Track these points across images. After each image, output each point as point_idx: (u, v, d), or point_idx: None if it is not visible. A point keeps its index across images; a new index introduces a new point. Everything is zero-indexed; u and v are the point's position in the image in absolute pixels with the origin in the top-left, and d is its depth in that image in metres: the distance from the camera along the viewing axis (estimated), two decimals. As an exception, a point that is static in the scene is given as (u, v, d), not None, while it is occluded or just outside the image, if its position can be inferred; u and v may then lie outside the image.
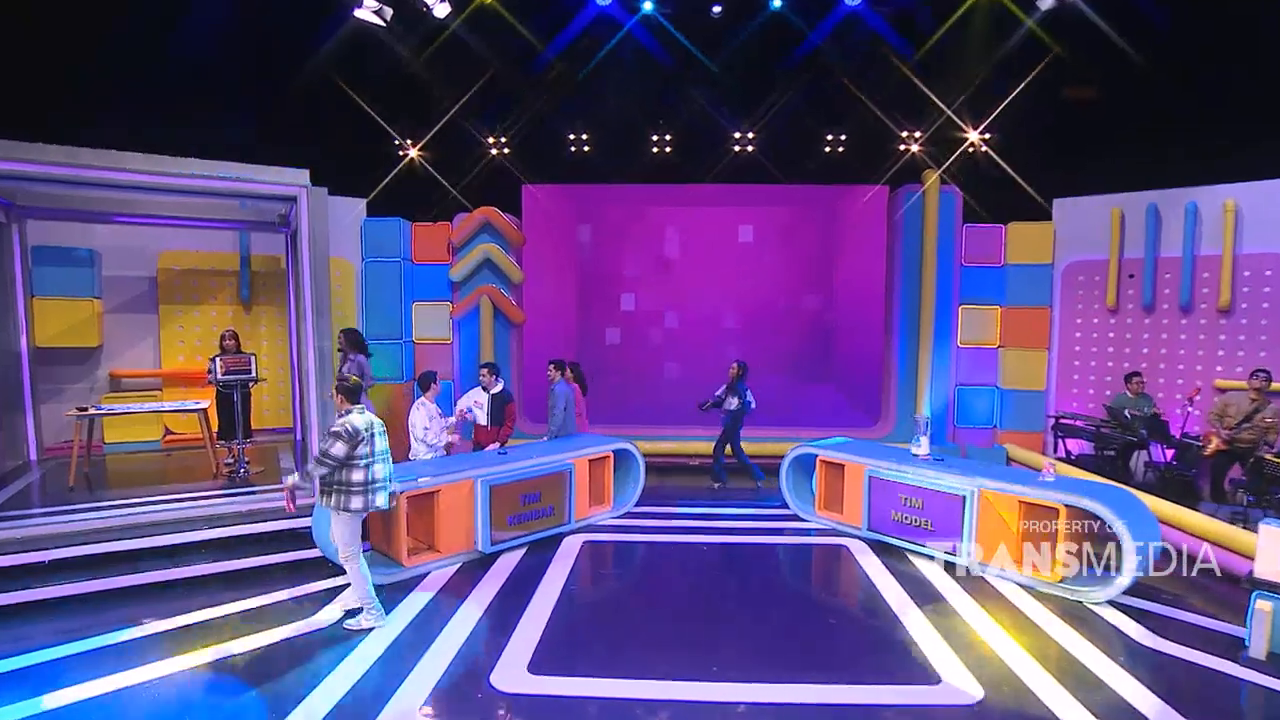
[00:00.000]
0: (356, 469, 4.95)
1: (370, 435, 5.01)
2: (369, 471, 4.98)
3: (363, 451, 4.95)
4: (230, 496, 6.66)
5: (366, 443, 4.97)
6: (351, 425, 4.92)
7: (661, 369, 11.05)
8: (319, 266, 6.72)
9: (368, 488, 4.98)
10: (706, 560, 6.53)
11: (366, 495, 4.99)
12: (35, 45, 8.31)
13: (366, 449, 4.98)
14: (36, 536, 5.65)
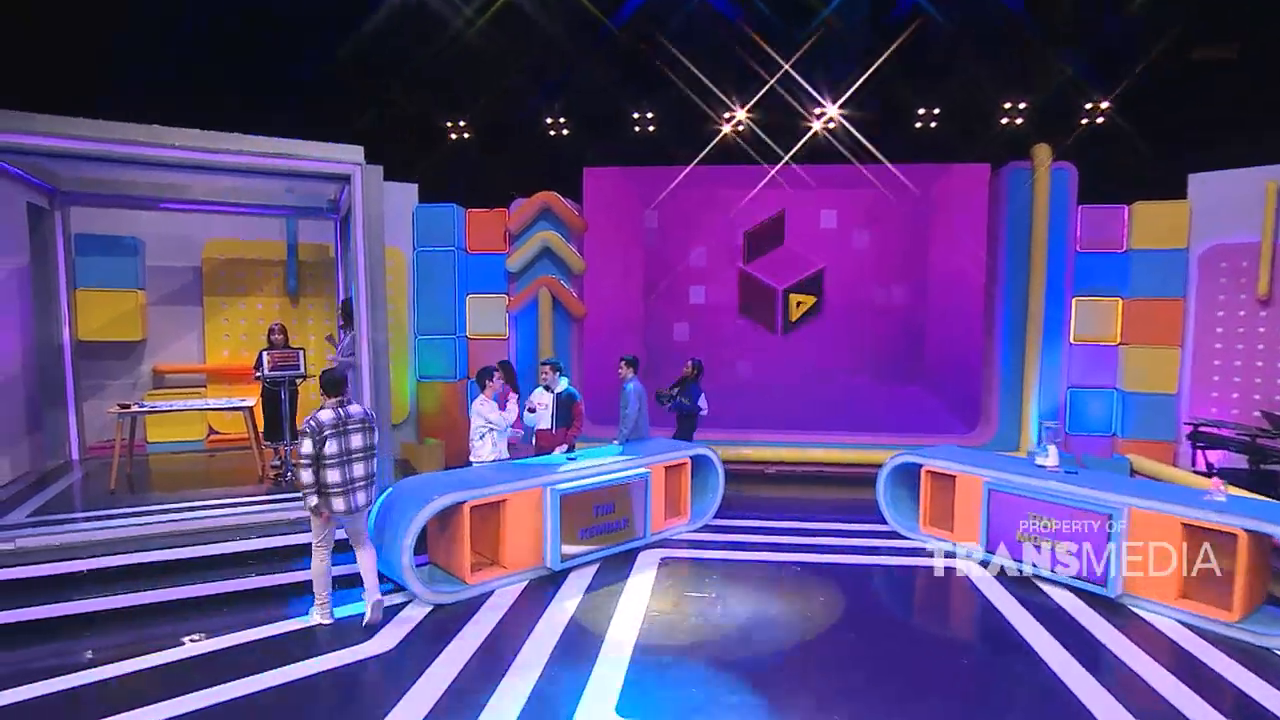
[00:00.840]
0: (331, 469, 4.81)
1: (341, 431, 4.84)
2: (344, 470, 4.83)
3: (333, 449, 4.79)
4: (277, 503, 6.37)
5: (336, 439, 4.81)
6: (316, 420, 4.80)
7: (734, 368, 10.51)
8: (374, 252, 6.40)
9: (347, 487, 4.85)
10: (802, 583, 5.98)
11: (347, 496, 4.86)
12: (74, 26, 8.21)
13: (337, 446, 4.81)
14: (75, 544, 5.42)
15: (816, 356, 10.34)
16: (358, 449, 4.93)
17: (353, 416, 4.93)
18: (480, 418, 6.39)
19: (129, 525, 5.67)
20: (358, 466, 4.92)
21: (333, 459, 4.81)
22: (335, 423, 4.84)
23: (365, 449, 4.98)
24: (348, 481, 4.87)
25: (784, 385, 10.32)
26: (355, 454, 4.91)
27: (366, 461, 4.98)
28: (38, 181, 7.13)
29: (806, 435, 9.76)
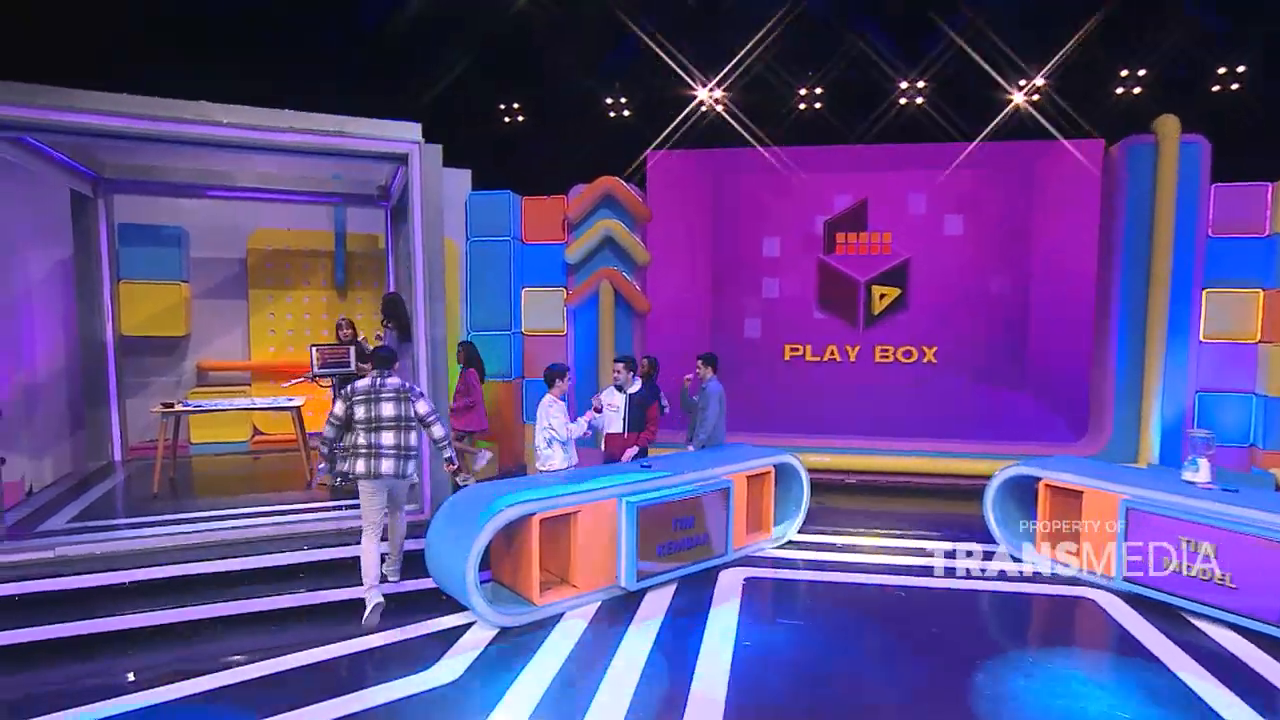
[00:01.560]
0: (360, 432, 5.10)
1: (373, 399, 5.10)
2: (372, 436, 5.07)
3: (361, 414, 5.07)
4: (328, 511, 6.11)
5: (366, 405, 5.08)
6: (352, 385, 5.18)
7: (810, 366, 9.97)
8: (433, 240, 6.09)
9: (371, 451, 5.07)
10: (906, 610, 5.46)
11: (369, 460, 5.08)
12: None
13: (365, 411, 5.07)
14: (118, 553, 5.22)
15: (901, 354, 9.74)
16: (388, 417, 5.12)
17: (387, 386, 5.17)
18: (545, 421, 6.00)
19: (173, 534, 5.45)
20: (386, 435, 5.11)
21: (361, 423, 5.09)
22: (369, 390, 5.13)
23: (397, 419, 5.15)
24: (372, 446, 5.08)
25: (865, 385, 9.75)
26: (385, 422, 5.11)
27: (398, 432, 5.15)
28: (81, 167, 7.01)
29: (890, 442, 9.19)
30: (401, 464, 5.16)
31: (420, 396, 5.27)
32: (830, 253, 9.86)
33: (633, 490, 5.60)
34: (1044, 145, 8.98)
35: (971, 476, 8.82)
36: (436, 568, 5.24)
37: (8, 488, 5.95)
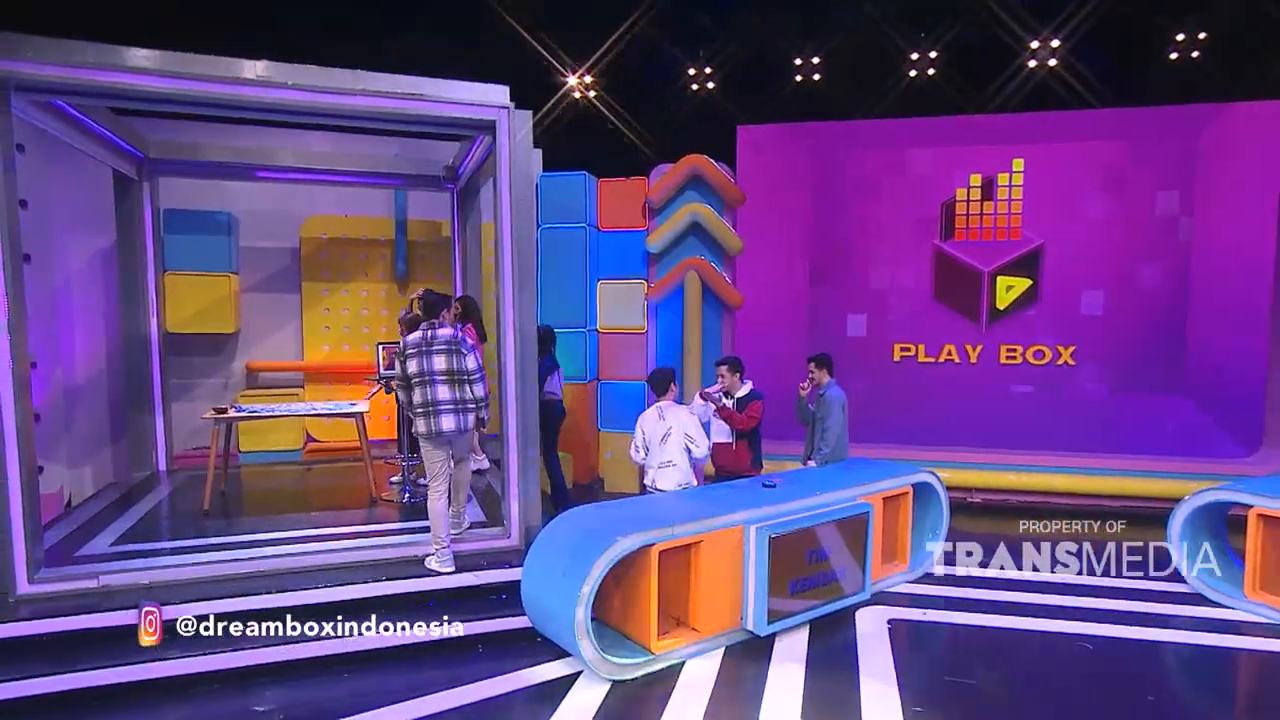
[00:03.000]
0: (415, 388, 5.08)
1: (425, 351, 5.08)
2: (427, 391, 5.04)
3: (414, 368, 5.06)
4: (401, 535, 5.55)
5: (418, 359, 5.06)
6: (404, 340, 5.19)
7: (925, 367, 9.18)
8: (523, 221, 5.51)
9: (428, 409, 5.04)
10: (1104, 667, 4.67)
11: (429, 418, 5.04)
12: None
13: (418, 365, 5.06)
14: (168, 583, 4.70)
15: (1031, 354, 8.88)
16: (440, 371, 5.08)
17: (439, 338, 5.13)
18: (682, 431, 5.36)
19: (228, 560, 4.92)
20: (441, 389, 5.07)
21: (415, 378, 5.07)
22: (420, 343, 5.10)
23: (449, 371, 5.10)
24: (429, 403, 5.05)
25: (987, 390, 8.92)
26: (439, 375, 5.07)
27: (452, 385, 5.10)
28: (126, 144, 6.59)
29: (1020, 455, 8.39)
30: (462, 418, 5.13)
31: (471, 350, 5.24)
32: (948, 239, 9.05)
33: (763, 516, 4.91)
34: (1210, 110, 8.06)
35: (1121, 497, 7.97)
36: (536, 607, 4.63)
37: (45, 500, 5.52)
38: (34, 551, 4.57)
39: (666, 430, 5.48)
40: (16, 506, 4.48)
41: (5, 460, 4.44)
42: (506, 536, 5.53)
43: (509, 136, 5.34)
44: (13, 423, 4.43)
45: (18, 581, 4.49)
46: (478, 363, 5.24)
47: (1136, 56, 8.32)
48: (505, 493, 5.56)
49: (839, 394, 6.26)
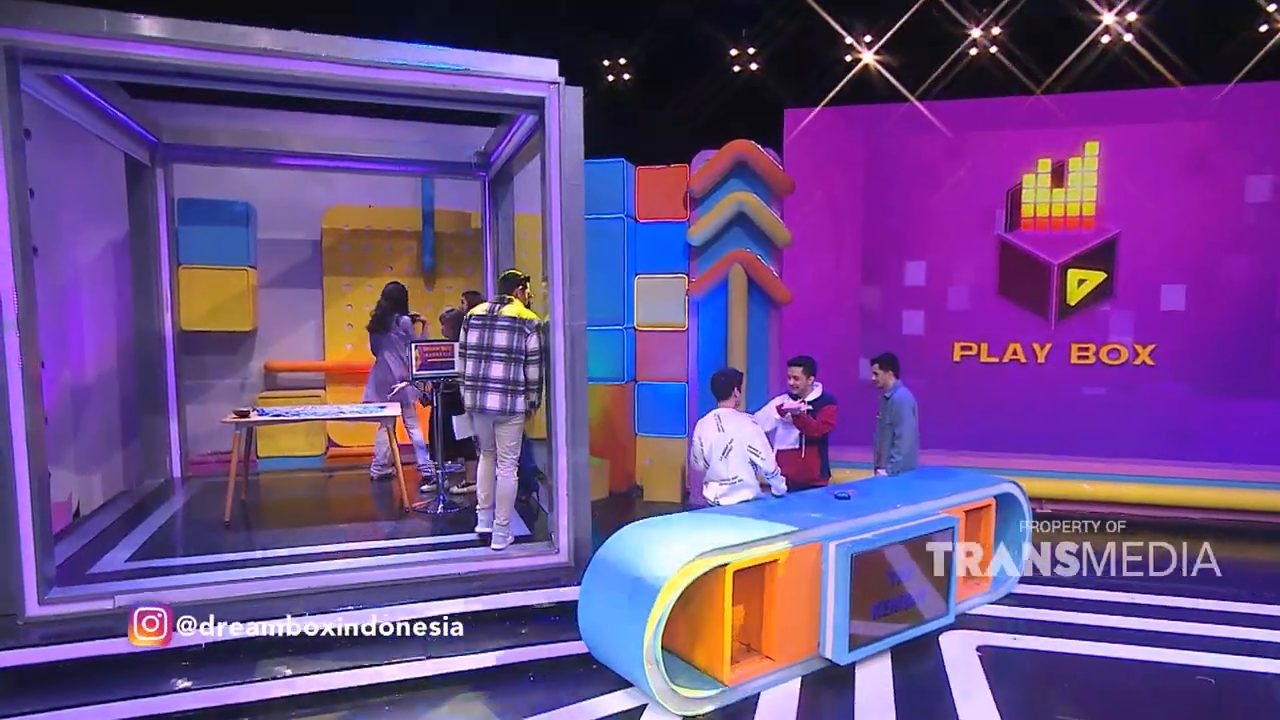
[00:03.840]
0: (469, 359, 5.17)
1: (487, 325, 5.14)
2: (480, 365, 5.11)
3: (473, 339, 5.15)
4: (442, 549, 5.25)
5: (479, 330, 5.14)
6: (466, 313, 5.29)
7: (988, 368, 8.81)
8: (573, 208, 5.17)
9: (476, 383, 5.12)
10: (1237, 707, 4.29)
11: (475, 393, 5.13)
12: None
13: (478, 337, 5.14)
14: (191, 603, 4.38)
15: (1105, 353, 8.48)
16: (500, 347, 5.11)
17: (504, 316, 5.16)
18: (745, 444, 4.99)
19: (254, 578, 4.63)
20: (496, 366, 5.10)
21: (471, 350, 5.15)
22: (485, 316, 5.17)
23: (508, 350, 5.11)
24: (479, 377, 5.10)
25: (1057, 393, 8.54)
26: (496, 352, 5.10)
27: (509, 364, 5.10)
28: (139, 127, 6.32)
29: (1093, 462, 8.01)
30: (510, 399, 5.10)
31: (535, 331, 5.17)
32: (1014, 229, 8.67)
33: (843, 531, 4.57)
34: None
35: (1205, 509, 7.60)
36: (596, 632, 4.30)
37: (53, 510, 5.24)
38: (45, 569, 4.30)
39: (727, 443, 5.09)
40: (26, 519, 4.20)
41: (14, 468, 4.16)
42: (555, 552, 5.21)
43: (559, 116, 5.01)
44: (22, 427, 4.15)
45: (27, 602, 4.21)
46: (539, 343, 5.21)
47: (1221, 28, 7.89)
48: (553, 505, 5.25)
49: (908, 396, 5.92)
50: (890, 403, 5.93)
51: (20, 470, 4.16)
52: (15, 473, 4.15)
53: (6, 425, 4.10)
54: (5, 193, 4.06)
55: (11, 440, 4.12)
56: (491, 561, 5.09)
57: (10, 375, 4.08)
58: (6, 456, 4.13)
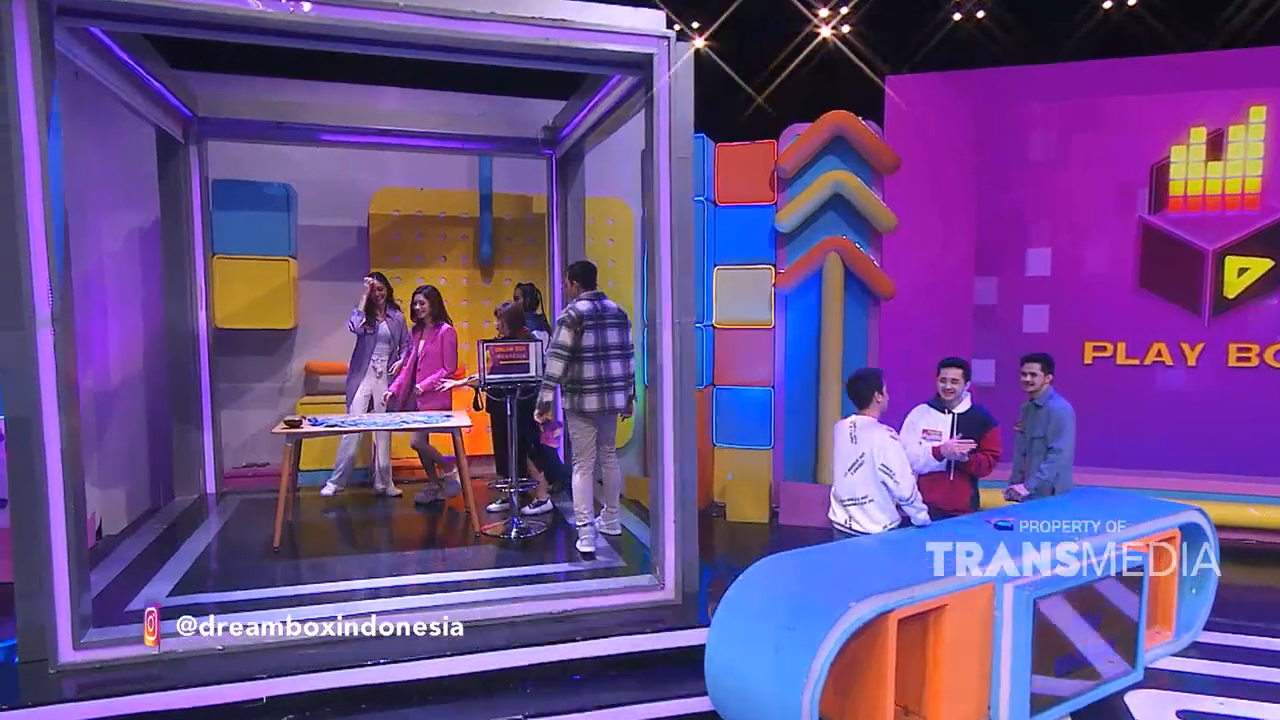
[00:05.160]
0: (588, 362, 5.22)
1: (599, 324, 5.25)
2: (601, 366, 5.23)
3: (590, 341, 5.20)
4: (524, 584, 4.85)
5: (594, 331, 5.23)
6: (575, 309, 5.24)
7: (1127, 372, 8.26)
8: (682, 187, 4.76)
9: (602, 385, 5.24)
10: None
11: (602, 395, 5.25)
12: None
13: (594, 339, 5.22)
14: (243, 648, 4.04)
15: (1272, 354, 7.87)
16: (614, 345, 5.33)
17: (609, 310, 5.35)
18: (881, 461, 4.49)
19: (320, 618, 4.23)
20: (615, 364, 5.31)
21: (589, 352, 5.22)
22: (593, 314, 5.25)
23: (621, 346, 5.39)
24: (603, 378, 5.25)
25: (1210, 399, 7.94)
26: (612, 350, 5.29)
27: (623, 360, 5.39)
28: (173, 99, 5.99)
29: (1258, 483, 7.44)
30: (628, 397, 5.45)
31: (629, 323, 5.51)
32: (1159, 210, 8.09)
33: (1016, 570, 4.07)
34: None
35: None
36: (729, 691, 3.85)
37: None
38: (81, 606, 3.95)
39: (857, 457, 4.59)
40: (60, 547, 3.87)
41: (47, 488, 3.83)
42: (659, 588, 4.80)
43: (669, 76, 4.58)
44: (57, 441, 3.82)
45: (60, 646, 3.88)
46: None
47: None
48: (658, 531, 4.82)
49: (1068, 407, 5.40)
50: (1044, 412, 5.41)
51: (54, 491, 3.83)
52: (49, 493, 3.82)
53: (39, 438, 3.77)
54: (38, 172, 3.73)
55: (44, 455, 3.79)
56: (588, 599, 4.69)
57: (44, 380, 3.75)
58: (38, 474, 3.80)
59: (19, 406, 3.73)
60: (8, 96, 3.60)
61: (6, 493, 5.61)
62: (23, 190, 3.66)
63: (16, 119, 3.62)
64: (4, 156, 3.63)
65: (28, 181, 3.67)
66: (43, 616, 3.84)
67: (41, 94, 3.67)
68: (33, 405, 3.72)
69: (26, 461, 3.77)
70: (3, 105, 3.60)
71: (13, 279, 3.68)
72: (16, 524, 3.83)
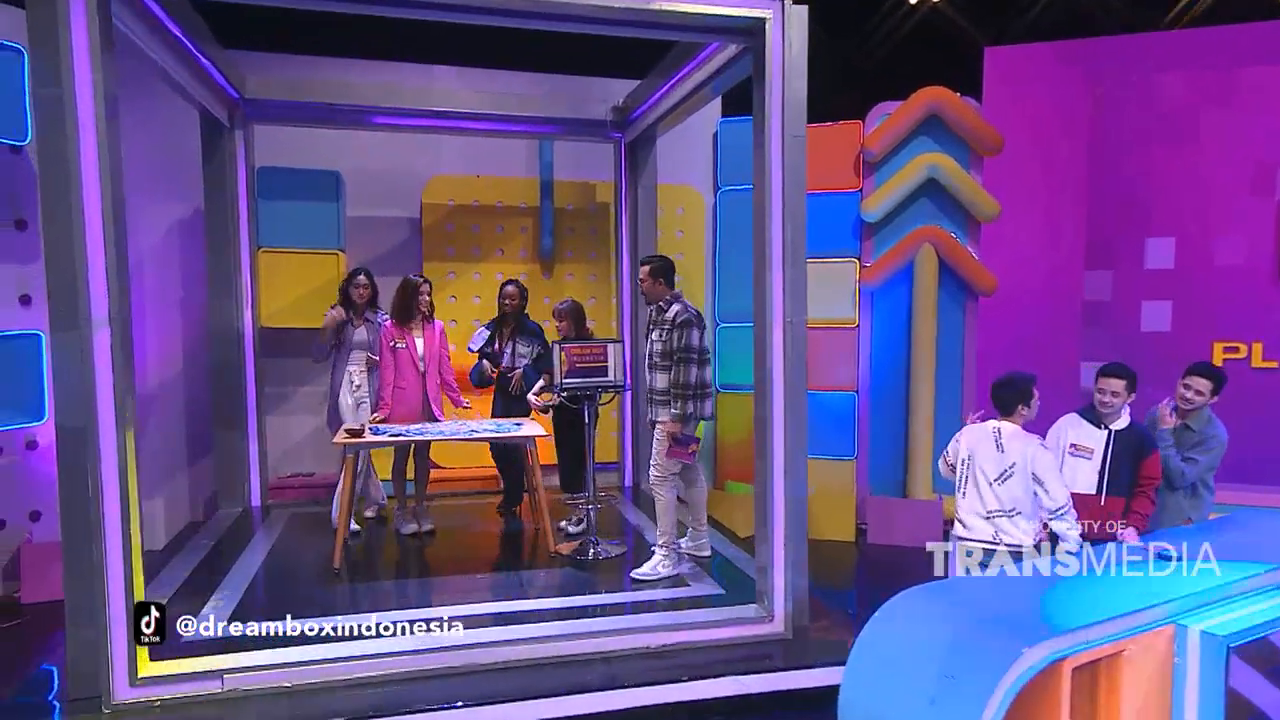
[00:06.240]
0: (706, 368, 5.14)
1: (700, 324, 5.18)
2: (706, 371, 5.14)
3: (703, 343, 5.13)
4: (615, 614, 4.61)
5: (702, 332, 5.16)
6: (694, 308, 5.16)
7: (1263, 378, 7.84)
8: (796, 166, 4.46)
9: (705, 390, 5.12)
10: None
11: (708, 401, 5.16)
12: None
13: (703, 339, 5.17)
14: (320, 685, 3.81)
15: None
16: (709, 349, 5.30)
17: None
18: (1028, 473, 4.17)
19: (400, 652, 4.00)
20: (709, 369, 5.25)
21: (707, 355, 5.17)
22: (699, 315, 5.20)
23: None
24: (706, 384, 5.13)
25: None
26: (707, 354, 5.21)
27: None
28: (221, 78, 5.79)
29: None
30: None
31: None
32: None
33: (1197, 608, 3.72)
34: None
35: None
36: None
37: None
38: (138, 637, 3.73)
39: (1007, 467, 4.28)
40: (117, 571, 3.66)
41: (103, 504, 3.62)
42: (766, 620, 4.50)
43: (783, 44, 4.28)
44: (113, 453, 3.62)
45: (116, 683, 3.66)
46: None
47: None
48: (766, 556, 4.53)
49: (1224, 433, 4.94)
50: (1195, 435, 4.93)
51: (110, 508, 3.63)
52: (105, 511, 3.62)
53: (95, 449, 3.57)
54: (94, 152, 3.52)
55: (100, 468, 3.59)
56: (687, 632, 4.40)
57: (100, 386, 3.55)
58: (94, 488, 3.59)
59: (73, 415, 3.54)
60: (61, 67, 3.40)
61: (55, 508, 5.58)
62: (78, 172, 3.46)
63: (72, 93, 3.41)
64: (57, 133, 3.44)
65: (83, 163, 3.47)
66: (97, 649, 3.63)
67: (99, 68, 3.46)
68: (88, 414, 3.52)
69: (80, 476, 3.57)
70: (55, 76, 3.39)
71: (67, 273, 3.49)
72: (68, 546, 3.63)
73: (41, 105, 3.44)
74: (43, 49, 3.40)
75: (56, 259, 3.50)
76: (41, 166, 3.53)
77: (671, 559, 5.20)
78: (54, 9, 3.36)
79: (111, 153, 3.54)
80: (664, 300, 5.16)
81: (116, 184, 3.61)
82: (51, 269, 3.53)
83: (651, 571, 5.12)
